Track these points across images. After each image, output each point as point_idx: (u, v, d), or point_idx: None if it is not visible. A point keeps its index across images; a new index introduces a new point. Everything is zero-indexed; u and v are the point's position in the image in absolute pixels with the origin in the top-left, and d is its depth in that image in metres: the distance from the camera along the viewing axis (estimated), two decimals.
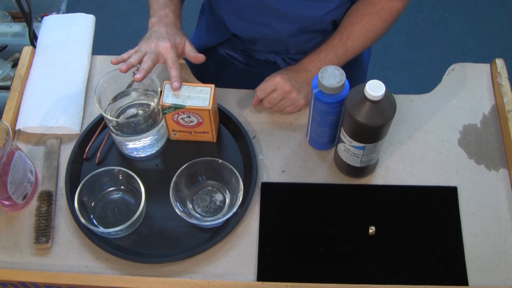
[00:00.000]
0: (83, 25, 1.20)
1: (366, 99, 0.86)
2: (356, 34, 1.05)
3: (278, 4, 1.06)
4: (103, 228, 0.95)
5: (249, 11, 1.10)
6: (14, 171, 0.92)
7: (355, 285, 0.89)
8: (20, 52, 1.17)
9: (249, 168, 1.02)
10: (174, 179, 0.96)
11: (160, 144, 1.06)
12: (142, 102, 1.04)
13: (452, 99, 1.11)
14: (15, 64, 1.98)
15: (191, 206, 0.99)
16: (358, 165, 0.98)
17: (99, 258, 0.95)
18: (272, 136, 1.07)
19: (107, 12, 2.47)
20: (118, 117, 1.03)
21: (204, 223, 0.96)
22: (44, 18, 1.23)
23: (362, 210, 0.99)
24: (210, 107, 0.96)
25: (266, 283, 0.90)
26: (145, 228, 0.97)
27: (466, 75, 1.15)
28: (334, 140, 1.03)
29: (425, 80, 2.28)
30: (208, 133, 1.03)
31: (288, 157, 1.05)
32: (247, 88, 1.13)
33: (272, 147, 1.06)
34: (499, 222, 0.97)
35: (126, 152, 1.05)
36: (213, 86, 0.98)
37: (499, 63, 1.12)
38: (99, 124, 1.08)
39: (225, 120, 1.08)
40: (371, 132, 0.89)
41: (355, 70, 1.23)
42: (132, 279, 0.90)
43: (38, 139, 1.08)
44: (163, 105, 0.96)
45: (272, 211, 0.99)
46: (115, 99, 1.03)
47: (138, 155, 1.05)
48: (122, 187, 1.00)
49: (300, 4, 1.06)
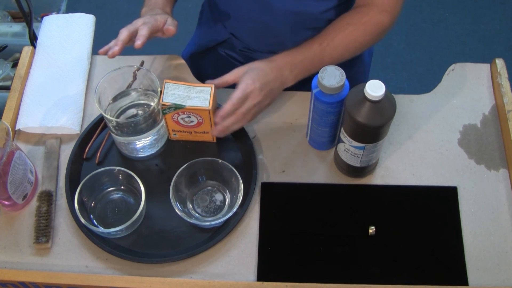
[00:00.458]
0: (83, 25, 1.20)
1: (366, 99, 0.86)
2: (337, 43, 1.02)
3: (275, 1, 1.06)
4: (103, 228, 0.95)
5: (246, 9, 1.10)
6: (14, 171, 0.92)
7: (355, 285, 0.89)
8: (20, 52, 1.17)
9: (249, 168, 1.02)
10: (174, 179, 0.96)
11: (160, 144, 1.06)
12: (142, 102, 1.04)
13: (452, 99, 1.11)
14: (15, 64, 1.99)
15: (191, 206, 0.99)
16: (358, 165, 0.98)
17: (99, 258, 0.95)
18: (272, 136, 1.07)
19: (107, 12, 2.47)
20: (118, 117, 1.03)
21: (204, 223, 0.96)
22: (44, 18, 1.23)
23: (362, 210, 0.99)
24: (210, 107, 0.96)
25: (266, 283, 0.90)
26: (145, 228, 0.97)
27: (466, 75, 1.15)
28: (334, 140, 1.03)
29: (425, 80, 2.28)
30: (208, 133, 1.03)
31: (288, 157, 1.05)
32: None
33: (272, 147, 1.06)
34: (499, 222, 0.97)
35: (126, 152, 1.05)
36: (213, 86, 0.98)
37: (499, 63, 1.12)
38: (99, 124, 1.08)
39: None
40: (371, 132, 0.89)
41: (355, 71, 1.23)
42: (132, 279, 0.90)
43: (38, 139, 1.08)
44: (163, 104, 0.96)
45: (272, 211, 0.99)
46: (115, 99, 1.03)
47: (138, 155, 1.05)
48: (122, 187, 1.00)
49: (297, 2, 1.06)
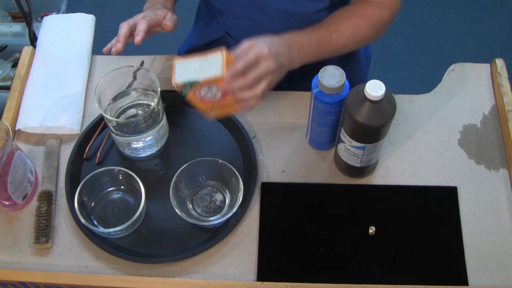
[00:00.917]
0: (83, 25, 1.20)
1: (366, 99, 0.86)
2: (343, 30, 1.00)
3: (267, 0, 1.05)
4: (103, 228, 0.95)
5: (238, 7, 1.10)
6: (14, 171, 0.92)
7: (355, 285, 0.89)
8: (20, 52, 1.17)
9: (249, 168, 1.02)
10: (174, 179, 0.96)
11: (160, 144, 1.06)
12: (142, 102, 1.04)
13: (452, 99, 1.11)
14: (15, 64, 1.99)
15: (191, 206, 0.99)
16: (358, 165, 0.98)
17: (99, 258, 0.95)
18: (272, 136, 1.07)
19: (107, 12, 2.47)
20: (118, 117, 1.03)
21: (204, 223, 0.96)
22: (44, 18, 1.23)
23: (362, 210, 0.99)
24: (224, 75, 0.87)
25: (266, 283, 0.90)
26: (145, 228, 0.97)
27: (466, 75, 1.15)
28: (334, 140, 1.03)
29: (425, 80, 2.28)
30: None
31: (288, 157, 1.05)
32: None
33: (272, 147, 1.06)
34: (499, 222, 0.97)
35: (126, 152, 1.05)
36: (223, 49, 0.89)
37: (499, 63, 1.13)
38: (99, 124, 1.08)
39: (225, 120, 1.08)
40: (371, 132, 0.89)
41: (352, 74, 1.21)
42: (132, 279, 0.90)
43: (38, 139, 1.08)
44: (176, 84, 0.88)
45: (272, 211, 0.99)
46: (115, 99, 1.03)
47: (138, 155, 1.05)
48: (122, 187, 1.00)
49: (289, 1, 1.05)
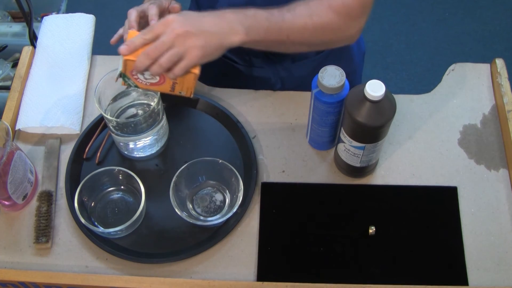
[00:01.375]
0: (83, 25, 1.20)
1: (366, 99, 0.86)
2: (299, 10, 0.92)
3: None
4: (103, 228, 0.95)
5: (229, 2, 1.06)
6: (14, 171, 0.92)
7: (355, 285, 0.89)
8: (20, 52, 1.17)
9: (249, 168, 1.02)
10: (174, 179, 0.96)
11: (160, 144, 1.06)
12: (142, 102, 1.04)
13: (452, 99, 1.11)
14: (15, 64, 1.99)
15: (191, 206, 0.99)
16: (358, 165, 0.98)
17: (99, 258, 0.95)
18: (272, 136, 1.07)
19: (107, 12, 2.47)
20: (118, 117, 1.03)
21: (204, 223, 0.96)
22: (44, 18, 1.23)
23: (362, 210, 0.99)
24: (122, 52, 0.84)
25: (266, 283, 0.90)
26: (145, 228, 0.97)
27: (466, 75, 1.15)
28: (334, 140, 1.03)
29: (425, 80, 2.28)
30: (189, 75, 0.88)
31: (288, 157, 1.05)
32: (231, 84, 1.13)
33: (272, 147, 1.06)
34: (499, 222, 0.97)
35: (126, 152, 1.05)
36: (134, 32, 0.87)
37: (499, 63, 1.12)
38: (99, 124, 1.08)
39: (225, 120, 1.08)
40: (371, 132, 0.89)
41: (345, 72, 1.21)
42: (132, 279, 0.90)
43: (38, 139, 1.08)
44: (116, 80, 0.90)
45: (272, 211, 0.99)
46: (115, 99, 1.03)
47: (138, 155, 1.05)
48: (122, 187, 1.00)
49: (275, 1, 0.99)
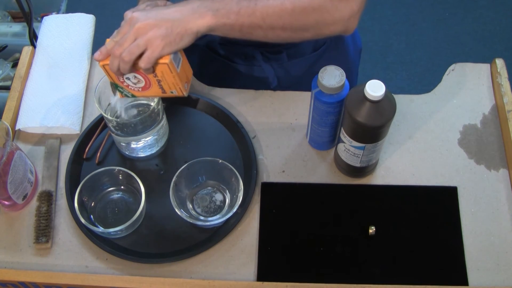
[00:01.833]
0: (83, 25, 1.20)
1: (366, 99, 0.86)
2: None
3: None
4: (103, 228, 0.95)
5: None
6: (14, 171, 0.92)
7: (355, 285, 0.89)
8: (20, 52, 1.17)
9: (249, 168, 1.02)
10: (174, 179, 0.96)
11: (160, 144, 1.06)
12: (142, 102, 1.04)
13: (452, 99, 1.11)
14: (15, 64, 1.99)
15: (191, 206, 0.99)
16: (358, 165, 0.98)
17: (99, 258, 0.95)
18: (272, 136, 1.07)
19: (107, 12, 2.47)
20: (118, 117, 1.03)
21: (204, 223, 0.96)
22: (44, 18, 1.23)
23: (362, 210, 0.99)
24: (96, 58, 0.84)
25: (266, 283, 0.90)
26: (145, 228, 0.97)
27: (466, 75, 1.15)
28: (334, 140, 1.03)
29: (425, 80, 2.28)
30: (172, 81, 0.88)
31: (288, 157, 1.05)
32: (227, 83, 1.13)
33: (272, 147, 1.06)
34: (499, 222, 0.97)
35: (126, 152, 1.05)
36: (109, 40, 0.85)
37: (499, 63, 1.13)
38: (99, 124, 1.08)
39: (225, 120, 1.08)
40: (371, 132, 0.89)
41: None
42: (132, 279, 0.90)
43: (38, 139, 1.08)
44: (120, 95, 0.93)
45: (272, 211, 0.99)
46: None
47: (138, 155, 1.05)
48: (122, 187, 1.00)
49: None
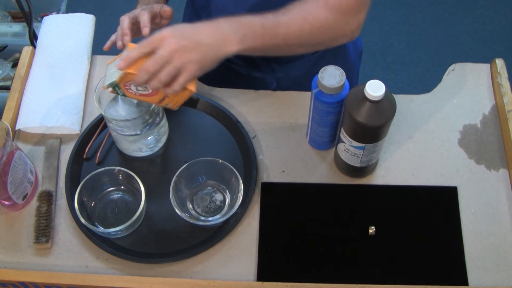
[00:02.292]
0: (83, 25, 1.20)
1: (366, 99, 0.86)
2: (294, 13, 0.91)
3: None
4: (103, 228, 0.95)
5: (222, 3, 1.08)
6: (14, 171, 0.92)
7: (355, 285, 0.89)
8: (20, 52, 1.17)
9: (249, 168, 1.02)
10: (174, 179, 0.96)
11: (160, 144, 1.06)
12: (142, 102, 1.04)
13: (452, 99, 1.11)
14: (15, 64, 1.99)
15: (191, 206, 0.99)
16: (358, 165, 0.98)
17: (99, 258, 0.95)
18: (272, 136, 1.07)
19: (107, 12, 2.47)
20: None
21: (204, 223, 0.96)
22: (44, 18, 1.23)
23: (362, 210, 0.99)
24: (121, 67, 0.84)
25: (266, 283, 0.90)
26: (145, 228, 0.97)
27: (466, 75, 1.15)
28: (334, 140, 1.03)
29: (425, 80, 2.28)
30: (187, 89, 0.89)
31: (288, 157, 1.05)
32: (226, 84, 1.13)
33: (272, 147, 1.06)
34: (499, 222, 0.97)
35: (126, 152, 1.05)
36: (134, 45, 0.85)
37: (499, 63, 1.13)
38: (99, 124, 1.08)
39: (225, 120, 1.08)
40: (371, 132, 0.89)
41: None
42: (132, 279, 0.90)
43: (38, 139, 1.08)
44: (104, 89, 0.88)
45: (272, 211, 0.99)
46: (115, 99, 1.03)
47: (138, 155, 1.05)
48: (122, 187, 1.00)
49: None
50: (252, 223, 0.98)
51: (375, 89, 0.85)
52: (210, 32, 0.86)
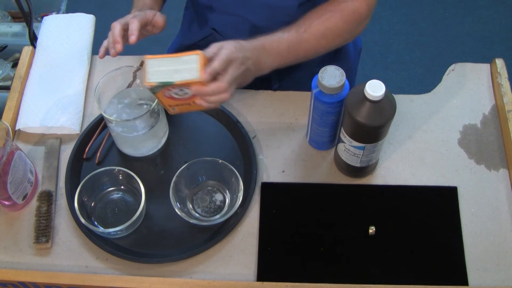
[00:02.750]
0: (83, 25, 1.20)
1: (366, 99, 0.86)
2: (314, 29, 0.99)
3: None
4: (103, 228, 0.95)
5: (225, 3, 1.09)
6: (14, 171, 0.92)
7: (355, 285, 0.89)
8: (20, 52, 1.17)
9: (249, 168, 1.02)
10: (174, 179, 0.96)
11: (160, 144, 1.06)
12: (142, 102, 1.04)
13: (452, 99, 1.11)
14: (15, 64, 1.99)
15: (191, 206, 0.99)
16: (358, 165, 0.98)
17: (99, 258, 0.95)
18: (272, 136, 1.07)
19: (107, 12, 2.47)
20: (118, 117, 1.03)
21: (204, 223, 0.96)
22: (44, 18, 1.23)
23: (362, 210, 0.99)
24: (202, 78, 0.85)
25: (266, 283, 0.90)
26: (145, 228, 0.97)
27: (466, 75, 1.15)
28: (334, 140, 1.03)
29: (425, 80, 2.28)
30: None
31: (288, 157, 1.05)
32: None
33: (272, 147, 1.06)
34: (499, 222, 0.97)
35: (126, 152, 1.05)
36: (200, 53, 0.86)
37: (499, 63, 1.13)
38: (99, 124, 1.08)
39: (225, 120, 1.08)
40: (371, 132, 0.89)
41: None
42: (132, 279, 0.90)
43: (38, 139, 1.08)
44: (149, 85, 0.86)
45: (272, 211, 0.99)
46: (115, 98, 1.03)
47: (138, 155, 1.05)
48: (122, 187, 1.00)
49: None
50: (252, 223, 0.98)
51: (375, 89, 0.85)
52: (254, 59, 0.95)
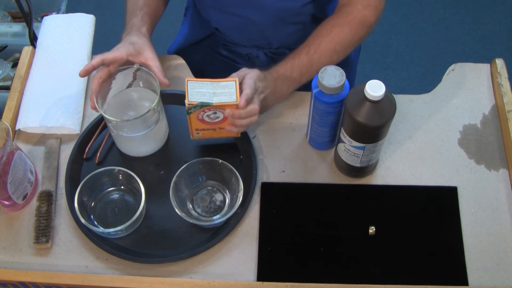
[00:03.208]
0: (83, 25, 1.20)
1: (366, 99, 0.86)
2: (324, 47, 1.02)
3: None
4: (103, 228, 0.95)
5: (228, 3, 1.10)
6: (14, 171, 0.92)
7: (355, 285, 0.89)
8: (20, 52, 1.17)
9: (249, 168, 1.02)
10: (174, 179, 0.96)
11: (160, 144, 1.06)
12: (141, 102, 1.04)
13: (452, 99, 1.11)
14: (15, 64, 1.98)
15: (191, 206, 0.99)
16: (358, 165, 0.98)
17: (99, 258, 0.95)
18: (272, 136, 1.07)
19: (107, 12, 2.47)
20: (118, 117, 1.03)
21: (204, 223, 0.96)
22: (44, 18, 1.23)
23: (362, 210, 0.99)
24: (239, 102, 0.93)
25: (266, 283, 0.90)
26: (145, 228, 0.97)
27: (466, 75, 1.15)
28: (334, 140, 1.03)
29: (425, 80, 2.28)
30: None
31: (288, 157, 1.05)
32: None
33: (272, 147, 1.06)
34: (499, 222, 0.97)
35: (126, 152, 1.05)
36: (236, 79, 0.95)
37: (499, 63, 1.13)
38: (99, 124, 1.08)
39: None
40: (371, 132, 0.89)
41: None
42: (132, 279, 0.90)
43: (38, 139, 1.08)
44: (189, 104, 0.93)
45: (272, 211, 0.99)
46: (114, 98, 1.03)
47: (138, 155, 1.05)
48: (122, 187, 1.00)
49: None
50: (252, 223, 0.98)
51: (375, 89, 0.85)
52: (272, 88, 1.00)
